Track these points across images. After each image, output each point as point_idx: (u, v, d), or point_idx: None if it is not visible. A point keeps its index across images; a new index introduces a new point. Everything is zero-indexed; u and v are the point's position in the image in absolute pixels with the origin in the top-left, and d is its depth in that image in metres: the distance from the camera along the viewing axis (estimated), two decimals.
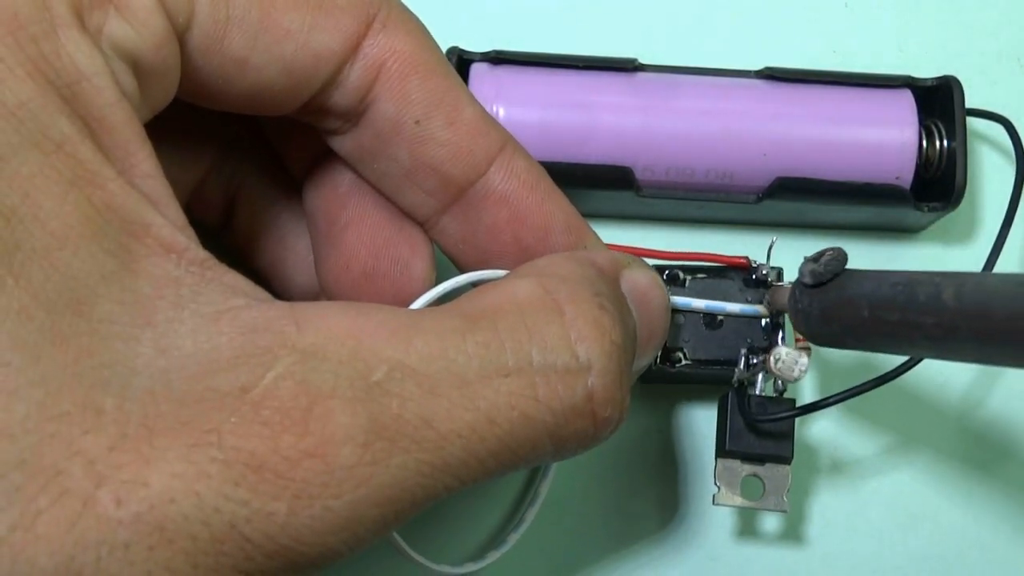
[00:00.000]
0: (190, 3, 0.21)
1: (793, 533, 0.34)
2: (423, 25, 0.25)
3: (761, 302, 0.31)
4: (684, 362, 0.31)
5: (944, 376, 0.35)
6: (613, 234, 0.35)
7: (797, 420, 0.30)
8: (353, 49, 0.23)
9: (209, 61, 0.22)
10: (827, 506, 0.34)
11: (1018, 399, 0.35)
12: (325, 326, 0.19)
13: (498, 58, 0.34)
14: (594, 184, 0.33)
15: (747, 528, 0.34)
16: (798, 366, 0.29)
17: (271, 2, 0.22)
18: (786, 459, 0.30)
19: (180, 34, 0.21)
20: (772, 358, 0.29)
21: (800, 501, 0.34)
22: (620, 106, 0.33)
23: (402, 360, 0.19)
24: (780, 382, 0.30)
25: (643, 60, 0.35)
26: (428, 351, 0.20)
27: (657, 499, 0.34)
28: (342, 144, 0.26)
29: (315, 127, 0.25)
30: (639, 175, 0.34)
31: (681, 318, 0.31)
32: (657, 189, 0.34)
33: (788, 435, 0.30)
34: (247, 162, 0.29)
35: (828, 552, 0.34)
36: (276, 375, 0.18)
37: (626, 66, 0.34)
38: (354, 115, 0.25)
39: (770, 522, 0.34)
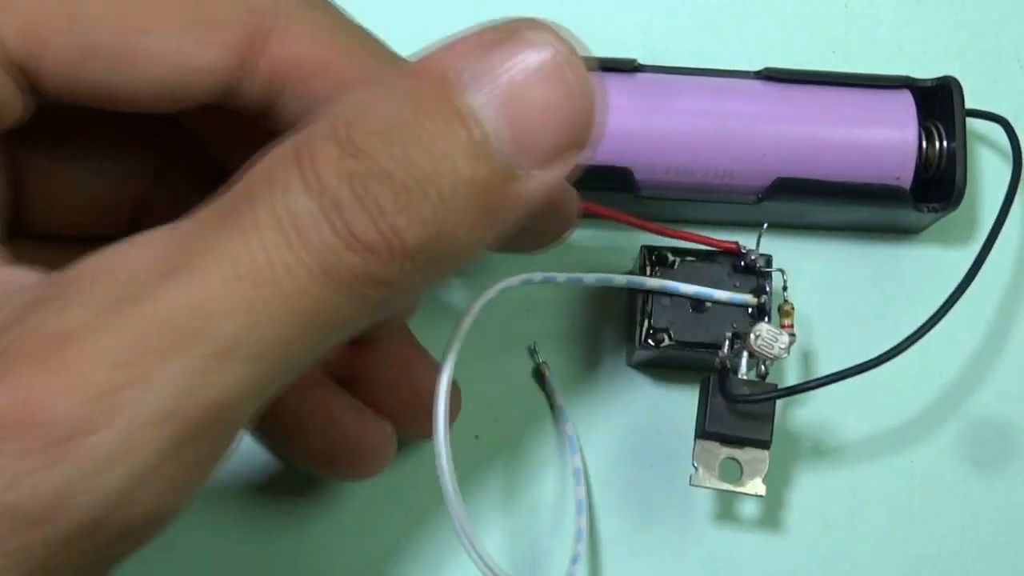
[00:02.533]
0: (39, 44, 0.21)
1: (771, 520, 0.34)
2: (330, 11, 0.24)
3: (749, 289, 0.32)
4: (668, 343, 0.31)
5: (933, 368, 0.36)
6: (612, 234, 0.35)
7: (780, 408, 0.31)
8: (239, 62, 0.22)
9: (76, 86, 0.22)
10: (806, 495, 0.35)
11: (1011, 395, 0.36)
12: (77, 267, 0.19)
13: None
14: (593, 185, 0.33)
15: (725, 512, 0.34)
16: (778, 343, 0.29)
17: (140, 26, 0.22)
18: (765, 443, 0.31)
19: (28, 70, 0.21)
20: (752, 334, 0.29)
21: (779, 488, 0.34)
22: (619, 107, 0.33)
23: (155, 267, 0.18)
24: (763, 366, 0.30)
25: (642, 60, 0.35)
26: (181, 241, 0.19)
27: (635, 482, 0.34)
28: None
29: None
30: (638, 176, 0.33)
31: (667, 299, 0.32)
32: (656, 190, 0.34)
33: (768, 419, 0.30)
34: (190, 172, 0.28)
35: (805, 540, 0.34)
36: (21, 326, 0.18)
37: (625, 66, 0.34)
38: (265, 111, 0.24)
39: (748, 508, 0.34)
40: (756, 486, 0.31)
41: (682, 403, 0.35)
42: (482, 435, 0.34)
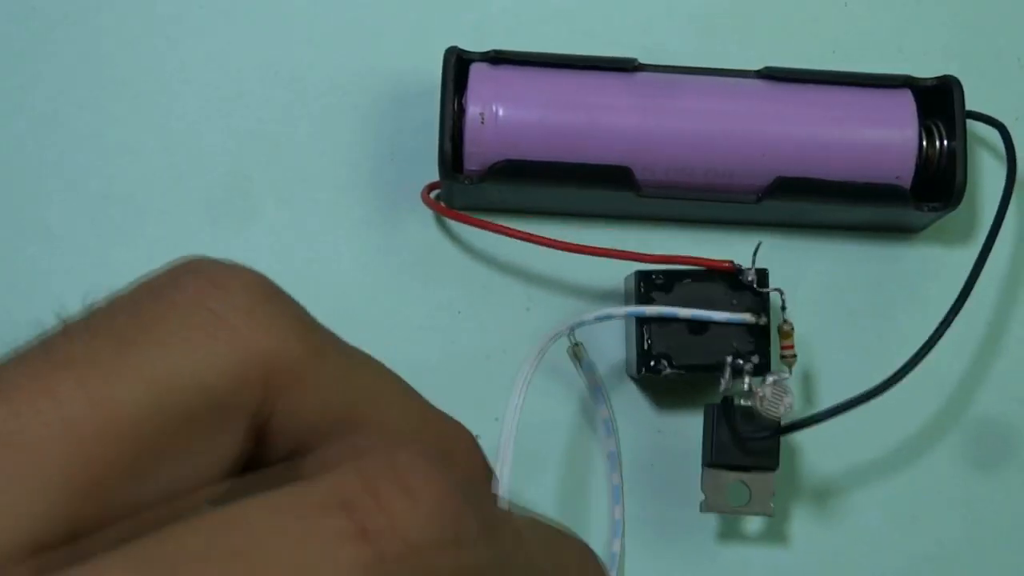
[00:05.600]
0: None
1: (778, 535, 0.34)
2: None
3: (748, 305, 0.31)
4: (668, 371, 0.31)
5: (933, 370, 0.35)
6: (613, 235, 0.35)
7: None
8: None
9: None
10: (812, 508, 0.34)
11: (1011, 396, 0.36)
12: None
13: (498, 58, 0.34)
14: (593, 184, 0.33)
15: (731, 530, 0.34)
16: (783, 404, 0.29)
17: None
18: (771, 467, 0.30)
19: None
20: (757, 396, 0.30)
21: (786, 503, 0.34)
22: (620, 106, 0.33)
23: None
24: None
25: (643, 60, 0.34)
26: None
27: (632, 484, 0.34)
28: None
29: None
30: (638, 175, 0.33)
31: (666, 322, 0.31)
32: (657, 189, 0.34)
33: (774, 447, 0.30)
34: None
35: (812, 553, 0.34)
36: None
37: (626, 66, 0.34)
38: None
39: (754, 523, 0.34)
40: (764, 507, 0.31)
41: (683, 421, 0.34)
42: (482, 435, 0.34)
